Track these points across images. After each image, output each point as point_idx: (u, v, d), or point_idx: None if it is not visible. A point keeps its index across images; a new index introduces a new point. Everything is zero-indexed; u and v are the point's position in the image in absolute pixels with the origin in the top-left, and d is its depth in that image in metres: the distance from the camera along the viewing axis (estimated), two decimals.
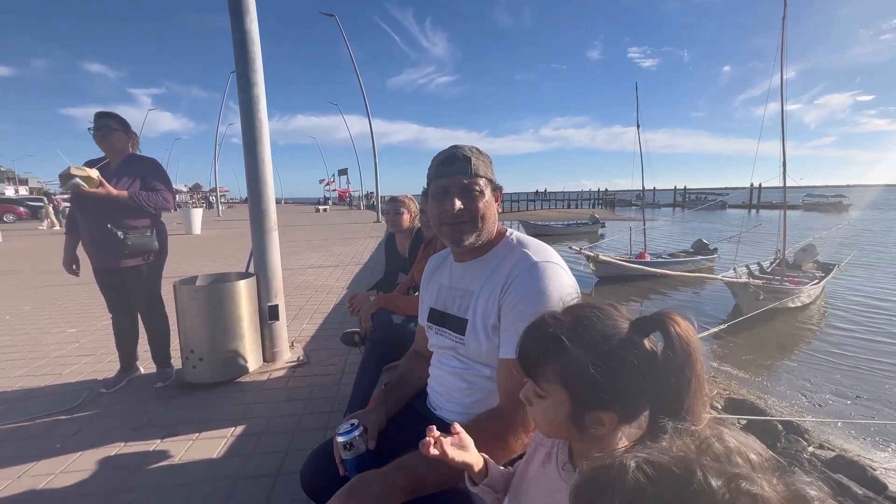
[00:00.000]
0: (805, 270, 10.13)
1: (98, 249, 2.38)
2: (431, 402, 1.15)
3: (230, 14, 2.61)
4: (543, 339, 0.58)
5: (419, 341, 1.29)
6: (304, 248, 9.52)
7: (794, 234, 14.38)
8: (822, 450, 3.60)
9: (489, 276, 1.02)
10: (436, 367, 1.15)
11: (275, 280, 2.90)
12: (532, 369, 0.60)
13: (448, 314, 1.09)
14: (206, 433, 2.07)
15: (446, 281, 1.15)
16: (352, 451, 0.94)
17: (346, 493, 0.79)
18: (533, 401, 0.60)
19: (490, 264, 1.04)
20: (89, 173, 2.23)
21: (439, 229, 1.05)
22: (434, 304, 1.15)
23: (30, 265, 7.71)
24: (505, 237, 1.08)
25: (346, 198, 50.77)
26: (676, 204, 51.02)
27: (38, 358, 3.10)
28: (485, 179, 1.02)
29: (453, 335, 1.06)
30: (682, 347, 0.53)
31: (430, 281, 1.22)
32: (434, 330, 1.13)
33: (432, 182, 1.04)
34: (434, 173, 1.04)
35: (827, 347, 6.53)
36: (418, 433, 1.06)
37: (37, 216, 21.65)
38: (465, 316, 1.04)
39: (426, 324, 1.17)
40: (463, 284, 1.08)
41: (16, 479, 1.75)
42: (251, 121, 2.70)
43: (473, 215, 1.01)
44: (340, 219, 21.00)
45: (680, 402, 0.51)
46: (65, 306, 4.62)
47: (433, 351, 1.16)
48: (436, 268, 1.23)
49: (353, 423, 0.98)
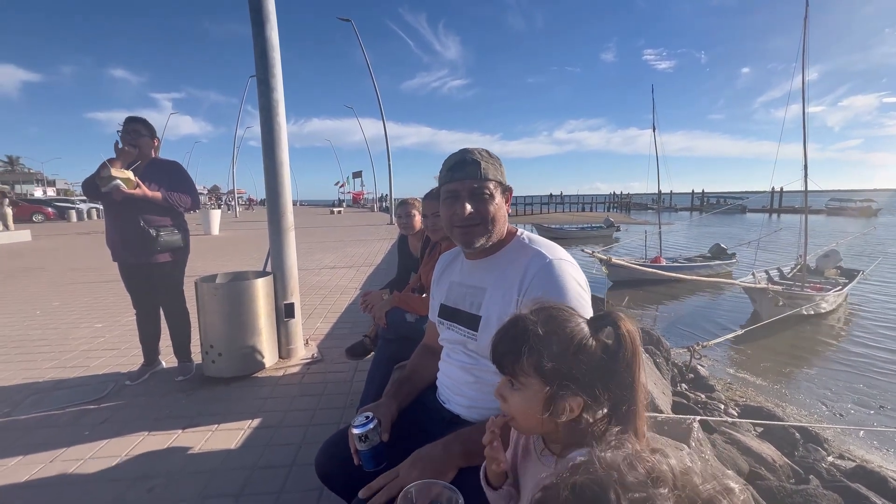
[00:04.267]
0: (827, 276, 9.85)
1: (130, 246, 2.49)
2: (441, 395, 1.18)
3: (252, 23, 2.71)
4: (522, 336, 0.64)
5: (430, 336, 1.33)
6: (318, 248, 9.67)
7: (818, 240, 13.98)
8: (843, 459, 3.51)
9: (502, 274, 1.05)
10: (445, 361, 1.18)
11: (291, 279, 2.98)
12: (510, 365, 0.65)
13: (459, 310, 1.12)
14: (225, 425, 2.14)
15: (457, 278, 1.17)
16: (367, 442, 0.97)
17: (411, 464, 0.89)
18: (508, 396, 0.66)
19: (502, 262, 1.07)
20: (128, 175, 2.37)
21: (451, 232, 1.07)
22: (445, 301, 1.18)
23: (58, 263, 8.02)
24: (516, 236, 1.12)
25: (361, 200, 51.25)
26: (694, 208, 50.04)
27: (67, 351, 3.25)
28: (494, 182, 1.05)
29: (465, 330, 1.08)
30: (630, 343, 0.61)
31: (441, 278, 1.25)
32: (445, 325, 1.16)
33: (443, 186, 1.07)
34: (445, 178, 1.06)
35: (849, 356, 6.33)
36: (428, 425, 1.11)
37: (64, 216, 22.44)
38: (477, 312, 1.06)
39: (437, 319, 1.20)
40: (475, 281, 1.11)
41: (48, 464, 1.85)
42: (270, 124, 2.79)
43: (484, 218, 1.03)
44: (354, 221, 21.22)
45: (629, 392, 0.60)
46: (91, 303, 4.81)
47: (443, 345, 1.19)
48: (447, 265, 1.25)
49: (368, 415, 1.01)
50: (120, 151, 2.38)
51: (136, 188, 2.39)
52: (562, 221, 28.63)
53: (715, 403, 4.28)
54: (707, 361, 5.95)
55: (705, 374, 5.16)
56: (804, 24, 8.68)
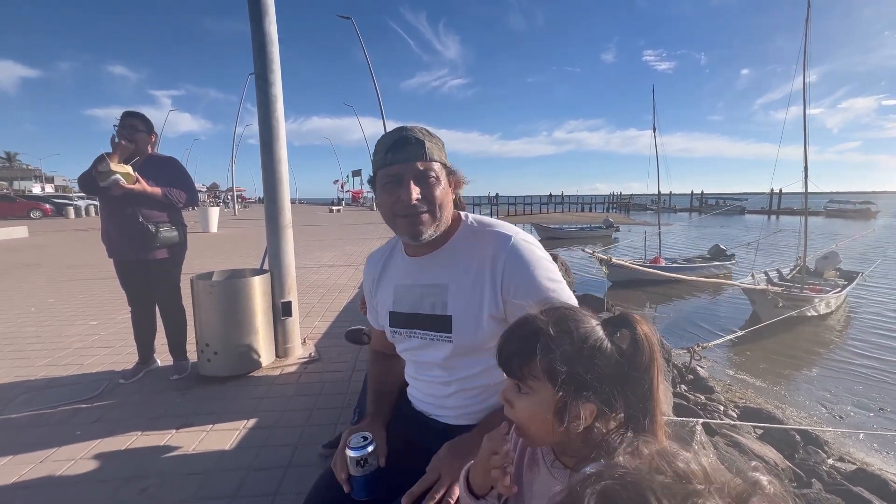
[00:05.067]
0: (827, 278, 9.84)
1: (129, 242, 2.46)
2: (418, 408, 1.09)
3: (250, 16, 2.67)
4: (532, 337, 0.60)
5: (380, 343, 1.18)
6: (317, 247, 9.63)
7: (817, 242, 13.98)
8: (843, 462, 3.49)
9: (462, 266, 0.96)
10: (417, 379, 1.07)
11: (288, 277, 2.94)
12: (518, 368, 0.61)
13: (418, 314, 1.00)
14: (220, 425, 2.11)
15: (404, 279, 1.04)
16: (364, 467, 0.86)
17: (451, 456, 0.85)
18: (514, 401, 0.62)
19: (456, 253, 0.98)
20: (128, 170, 2.33)
21: (393, 222, 0.95)
22: (394, 307, 1.04)
23: (54, 260, 7.97)
24: (463, 222, 1.02)
25: (360, 199, 51.20)
26: (693, 209, 50.10)
27: (61, 348, 3.21)
28: (439, 164, 0.95)
29: (432, 334, 0.98)
30: (648, 346, 0.58)
31: (380, 282, 1.10)
32: (404, 334, 1.03)
33: (380, 170, 0.94)
34: (383, 160, 0.92)
35: (849, 358, 6.33)
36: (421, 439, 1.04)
37: (61, 213, 22.34)
38: (444, 312, 0.96)
39: (390, 330, 1.06)
40: (429, 279, 0.99)
41: (38, 464, 1.81)
42: (268, 120, 2.75)
43: (431, 204, 0.92)
44: (353, 219, 21.18)
45: (647, 398, 0.56)
46: (86, 300, 4.76)
47: (405, 358, 1.09)
48: (381, 267, 1.11)
49: (366, 436, 0.88)
50: (116, 145, 2.35)
51: (135, 183, 2.36)
52: (561, 221, 28.63)
53: (715, 405, 4.26)
54: (706, 363, 5.93)
55: (705, 376, 5.14)
56: (806, 27, 8.67)
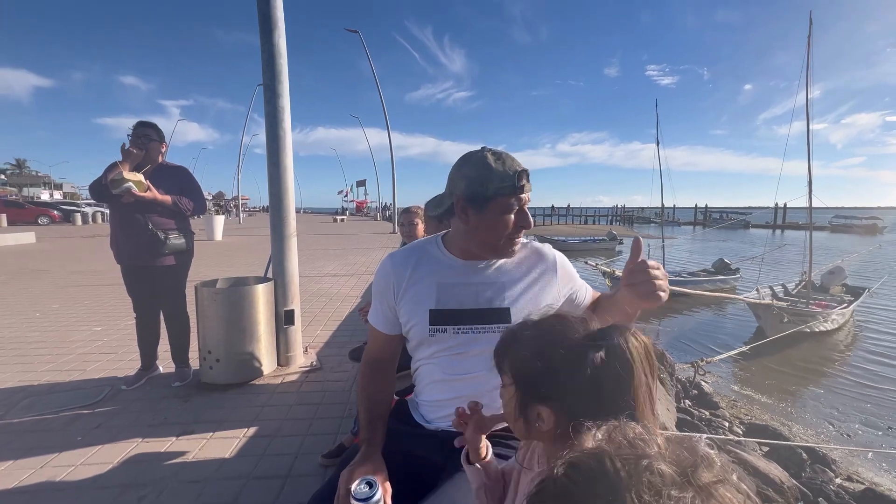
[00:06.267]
0: (833, 294, 9.75)
1: (138, 249, 2.49)
2: (423, 415, 1.08)
3: (259, 28, 2.74)
4: (507, 336, 0.68)
5: (379, 349, 1.16)
6: (321, 256, 9.66)
7: (823, 257, 13.88)
8: (851, 482, 3.43)
9: (513, 266, 1.07)
10: (444, 381, 1.05)
11: (292, 285, 2.95)
12: (497, 363, 0.68)
13: (468, 309, 1.02)
14: (220, 433, 2.10)
15: (450, 278, 1.05)
16: None
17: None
18: (501, 393, 0.68)
19: (510, 258, 1.08)
20: (140, 178, 2.38)
21: (499, 243, 1.01)
22: (437, 305, 1.04)
23: (60, 265, 8.03)
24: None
25: (364, 209, 51.50)
26: (697, 222, 49.96)
27: (64, 354, 3.22)
28: None
29: (487, 326, 1.01)
30: (622, 357, 0.56)
31: (414, 283, 1.07)
32: (449, 331, 1.02)
33: (511, 196, 0.96)
34: (513, 187, 0.95)
35: (857, 375, 6.23)
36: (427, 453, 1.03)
37: (69, 219, 22.58)
38: (503, 305, 1.02)
39: (429, 328, 1.03)
40: (482, 279, 1.05)
41: (39, 469, 1.81)
42: (275, 130, 2.80)
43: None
44: (357, 229, 21.27)
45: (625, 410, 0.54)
46: (91, 305, 4.79)
47: (435, 361, 1.06)
48: (413, 269, 1.08)
49: (371, 481, 0.80)
50: (126, 153, 2.39)
51: (146, 191, 2.41)
52: (565, 233, 28.61)
53: (719, 421, 4.20)
54: (711, 377, 5.86)
55: (709, 391, 5.07)
56: (808, 42, 8.75)
